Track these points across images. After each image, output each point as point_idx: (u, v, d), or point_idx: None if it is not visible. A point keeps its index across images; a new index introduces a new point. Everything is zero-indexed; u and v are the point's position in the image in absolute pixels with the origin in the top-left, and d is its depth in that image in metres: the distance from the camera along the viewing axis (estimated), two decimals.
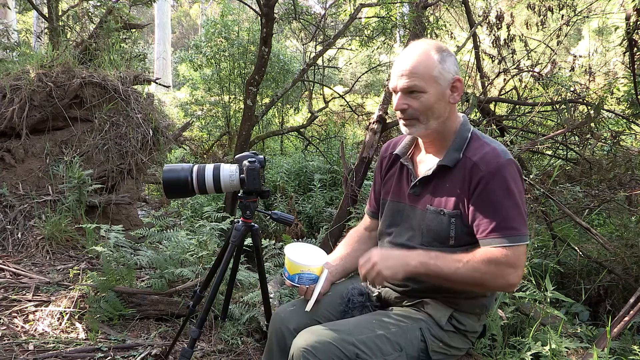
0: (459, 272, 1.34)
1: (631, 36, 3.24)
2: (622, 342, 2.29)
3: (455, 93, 1.46)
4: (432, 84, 1.42)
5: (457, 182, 1.42)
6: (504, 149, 1.44)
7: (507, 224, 1.35)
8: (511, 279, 1.35)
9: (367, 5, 6.12)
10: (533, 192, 2.91)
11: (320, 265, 1.53)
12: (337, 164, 7.04)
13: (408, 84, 1.42)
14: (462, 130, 1.48)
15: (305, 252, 1.58)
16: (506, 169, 1.38)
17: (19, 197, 3.59)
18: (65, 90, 3.83)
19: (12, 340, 2.21)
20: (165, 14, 16.77)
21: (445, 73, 1.43)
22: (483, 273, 1.33)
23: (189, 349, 1.72)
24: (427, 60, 1.42)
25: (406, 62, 1.43)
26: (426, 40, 1.49)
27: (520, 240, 1.35)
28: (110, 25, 4.86)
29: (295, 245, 1.61)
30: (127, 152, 3.98)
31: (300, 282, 1.51)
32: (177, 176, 1.62)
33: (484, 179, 1.37)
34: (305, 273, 1.50)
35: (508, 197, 1.36)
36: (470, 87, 4.59)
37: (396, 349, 1.35)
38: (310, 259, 1.54)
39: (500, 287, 1.41)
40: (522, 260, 1.37)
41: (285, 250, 1.54)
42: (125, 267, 2.64)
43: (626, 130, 4.08)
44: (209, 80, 8.99)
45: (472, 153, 1.43)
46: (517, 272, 1.35)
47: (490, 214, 1.36)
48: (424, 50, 1.44)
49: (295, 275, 1.51)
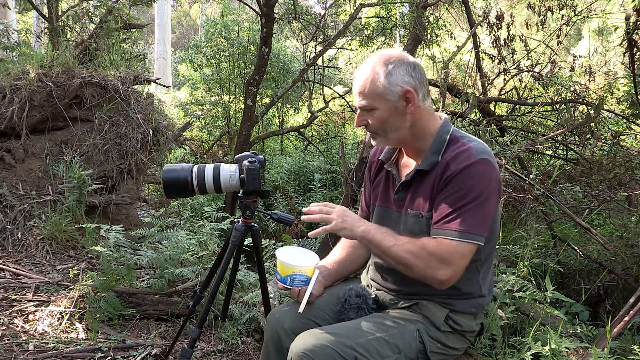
0: (392, 250, 1.38)
1: (631, 36, 3.24)
2: (622, 342, 2.29)
3: (410, 104, 1.43)
4: (380, 100, 1.42)
5: (430, 184, 1.43)
6: (482, 147, 1.42)
7: (455, 220, 1.34)
8: (439, 274, 1.34)
9: (367, 5, 6.12)
10: (533, 192, 2.91)
11: (311, 266, 1.54)
12: (337, 164, 7.04)
13: (360, 104, 1.46)
14: (441, 133, 1.48)
15: (297, 254, 1.58)
16: (475, 168, 1.36)
17: (19, 197, 3.60)
18: (65, 90, 3.83)
19: (12, 340, 2.21)
20: (165, 14, 16.76)
21: (392, 87, 1.41)
22: (415, 258, 1.35)
23: (189, 349, 1.72)
24: (372, 77, 1.42)
25: (357, 82, 1.46)
26: (378, 53, 1.47)
27: (463, 237, 1.33)
28: (110, 25, 4.86)
29: (286, 248, 1.61)
30: (127, 152, 3.98)
31: (292, 283, 1.51)
32: (177, 176, 1.62)
33: (450, 176, 1.38)
34: (297, 274, 1.50)
35: (468, 194, 1.35)
36: (470, 87, 4.60)
37: (394, 351, 1.35)
38: (301, 260, 1.54)
39: (427, 278, 1.37)
40: (459, 259, 1.34)
41: (277, 253, 1.54)
42: (125, 267, 2.64)
43: (626, 130, 4.08)
44: (209, 80, 8.99)
45: (449, 154, 1.43)
46: (448, 270, 1.33)
47: (445, 208, 1.37)
48: (371, 67, 1.43)
49: (287, 277, 1.51)
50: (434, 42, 5.15)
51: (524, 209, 3.04)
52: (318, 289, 1.57)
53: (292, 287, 1.51)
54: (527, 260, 2.25)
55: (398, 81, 1.41)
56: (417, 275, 1.39)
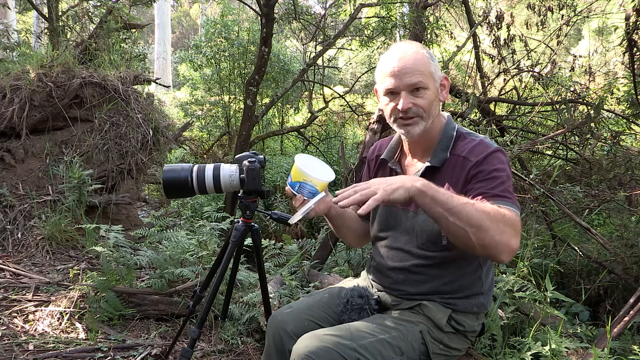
0: (467, 209, 1.21)
1: (631, 36, 3.24)
2: (622, 342, 2.29)
3: (444, 91, 1.48)
4: (431, 80, 1.43)
5: (445, 181, 1.41)
6: (491, 141, 1.44)
7: (507, 193, 1.32)
8: (513, 242, 1.23)
9: (367, 5, 6.12)
10: (533, 192, 2.91)
11: (325, 181, 1.46)
12: (337, 164, 7.04)
13: (414, 81, 1.39)
14: (447, 129, 1.48)
15: (315, 165, 1.53)
16: (496, 155, 1.37)
17: (19, 197, 3.60)
18: (65, 90, 3.83)
19: (12, 340, 2.21)
20: (165, 14, 16.76)
21: (437, 70, 1.45)
22: (491, 220, 1.21)
23: (189, 349, 1.71)
24: (423, 57, 1.42)
25: (405, 60, 1.41)
26: (408, 41, 1.49)
27: (514, 207, 1.31)
28: (110, 25, 4.86)
29: (307, 156, 1.55)
30: (127, 152, 3.98)
31: (300, 191, 1.45)
32: (177, 176, 1.62)
33: (476, 165, 1.37)
34: (308, 184, 1.44)
35: (500, 173, 1.35)
36: (470, 87, 4.60)
37: (397, 353, 1.35)
38: (317, 172, 1.48)
39: (501, 244, 1.22)
40: (518, 226, 1.27)
41: (296, 157, 1.48)
42: (125, 267, 2.64)
43: (626, 130, 4.08)
44: (209, 80, 8.99)
45: (460, 150, 1.42)
46: (518, 240, 1.27)
47: (490, 186, 1.33)
48: (415, 49, 1.44)
49: (296, 183, 1.45)
50: (434, 42, 5.16)
51: (524, 209, 3.04)
52: (322, 208, 1.52)
53: (297, 195, 1.46)
54: (527, 260, 2.25)
55: (438, 67, 1.44)
56: (487, 240, 1.21)
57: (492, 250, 1.23)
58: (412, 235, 1.48)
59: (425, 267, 1.46)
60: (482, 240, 1.21)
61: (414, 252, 1.48)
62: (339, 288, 1.63)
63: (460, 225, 1.21)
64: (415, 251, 1.47)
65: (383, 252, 1.57)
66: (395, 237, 1.54)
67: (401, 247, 1.51)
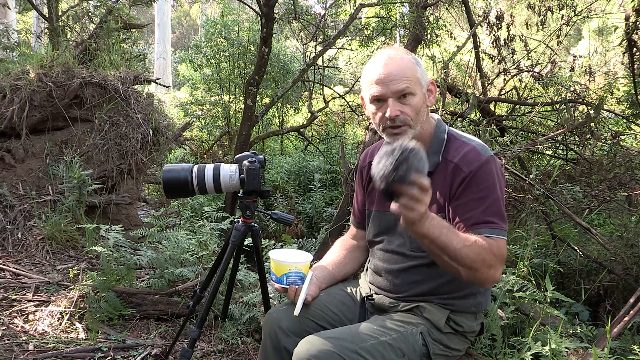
0: (463, 253, 1.25)
1: (631, 36, 3.24)
2: (622, 342, 2.29)
3: (431, 96, 1.46)
4: (418, 85, 1.41)
5: (437, 186, 1.41)
6: (484, 145, 1.43)
7: (491, 218, 1.34)
8: (497, 275, 1.32)
9: (367, 5, 6.12)
10: (533, 192, 2.91)
11: (306, 262, 1.50)
12: (337, 164, 7.04)
13: (401, 87, 1.37)
14: (438, 132, 1.47)
15: (289, 253, 1.57)
16: (488, 167, 1.37)
17: (19, 197, 3.60)
18: (65, 90, 3.83)
19: (12, 340, 2.21)
20: (165, 14, 16.76)
21: (424, 75, 1.43)
22: (483, 263, 1.28)
23: (189, 349, 1.71)
24: (409, 63, 1.41)
25: (391, 67, 1.39)
26: (394, 47, 1.50)
27: (502, 234, 1.34)
28: (110, 25, 4.86)
29: (278, 250, 1.59)
30: (127, 152, 3.98)
31: (289, 282, 1.48)
32: (177, 176, 1.62)
33: (467, 179, 1.37)
34: (293, 272, 1.47)
35: (491, 193, 1.35)
36: (470, 87, 4.60)
37: (399, 355, 1.35)
38: (295, 258, 1.52)
39: (487, 279, 1.32)
40: (505, 254, 1.35)
41: (270, 254, 1.53)
42: (125, 267, 2.64)
43: (626, 130, 4.07)
44: (209, 80, 8.99)
45: (452, 155, 1.42)
46: (500, 267, 1.33)
47: (474, 209, 1.35)
48: (401, 55, 1.43)
49: (283, 277, 1.48)
50: (434, 42, 5.15)
51: (524, 209, 3.04)
52: (314, 290, 1.54)
53: (289, 286, 1.49)
54: (527, 260, 2.25)
55: (424, 72, 1.44)
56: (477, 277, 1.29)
57: (477, 282, 1.34)
58: (407, 238, 1.49)
59: (420, 268, 1.47)
60: (471, 278, 1.31)
61: (408, 254, 1.48)
62: (335, 287, 1.64)
63: (453, 265, 1.28)
64: (409, 253, 1.48)
65: (379, 255, 1.58)
66: (389, 240, 1.55)
67: (395, 249, 1.52)
